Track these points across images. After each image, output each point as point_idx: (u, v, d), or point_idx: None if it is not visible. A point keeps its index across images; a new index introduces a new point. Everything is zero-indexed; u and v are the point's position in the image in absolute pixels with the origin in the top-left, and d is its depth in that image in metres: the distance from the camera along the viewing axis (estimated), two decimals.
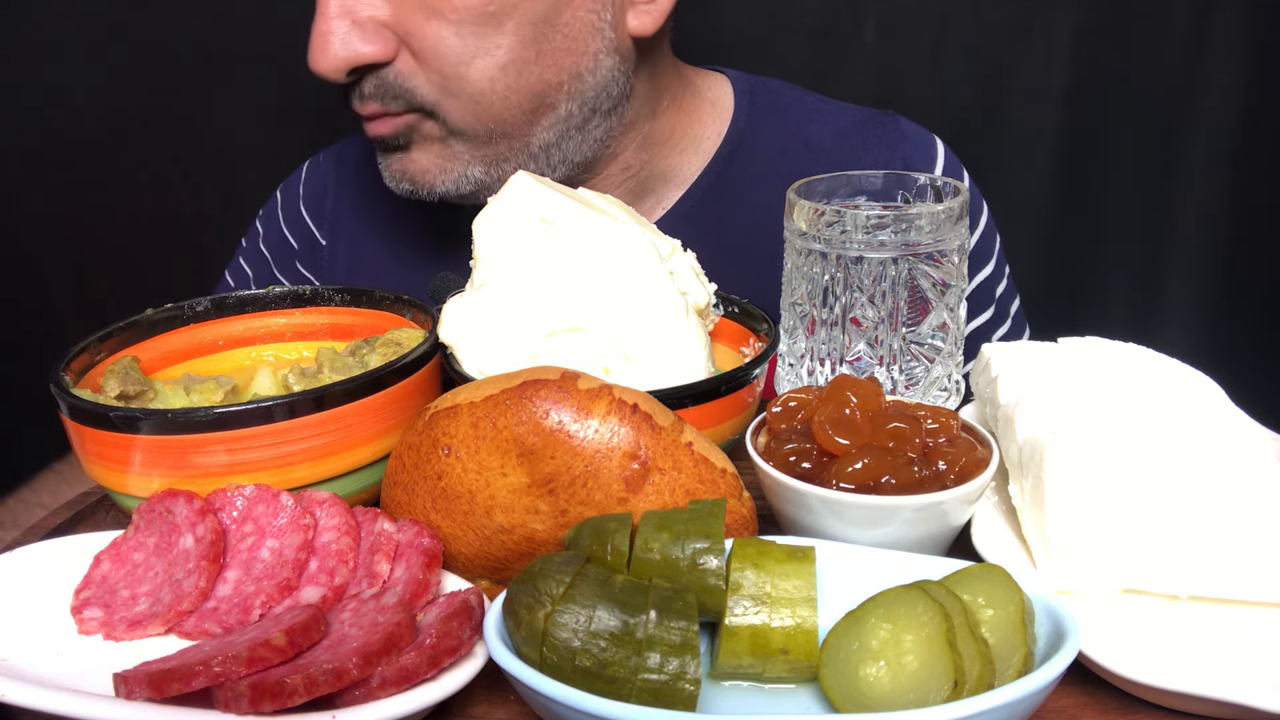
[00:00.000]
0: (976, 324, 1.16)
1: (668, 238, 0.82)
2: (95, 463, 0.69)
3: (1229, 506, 0.61)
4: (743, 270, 0.94)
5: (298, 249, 1.20)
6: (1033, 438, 0.66)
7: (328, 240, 1.18)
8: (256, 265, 1.23)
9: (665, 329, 0.75)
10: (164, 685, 0.51)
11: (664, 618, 0.52)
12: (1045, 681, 0.48)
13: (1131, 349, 0.77)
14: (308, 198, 1.20)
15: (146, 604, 0.62)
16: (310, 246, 1.19)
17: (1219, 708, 0.54)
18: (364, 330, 0.85)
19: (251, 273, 1.23)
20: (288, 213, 1.21)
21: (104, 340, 0.79)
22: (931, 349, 0.80)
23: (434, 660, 0.53)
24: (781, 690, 0.56)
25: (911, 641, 0.52)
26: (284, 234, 1.21)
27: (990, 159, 1.48)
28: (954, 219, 0.77)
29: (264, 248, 1.22)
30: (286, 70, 1.47)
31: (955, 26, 1.46)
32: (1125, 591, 0.62)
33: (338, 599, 0.60)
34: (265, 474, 0.67)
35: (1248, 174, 1.48)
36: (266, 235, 1.22)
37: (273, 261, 1.21)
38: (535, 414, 0.61)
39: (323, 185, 1.20)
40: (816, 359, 0.82)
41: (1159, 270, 1.55)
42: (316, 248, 1.19)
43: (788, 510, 0.66)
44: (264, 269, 1.22)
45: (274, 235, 1.22)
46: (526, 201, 0.77)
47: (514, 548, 0.64)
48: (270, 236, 1.22)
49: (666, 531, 0.56)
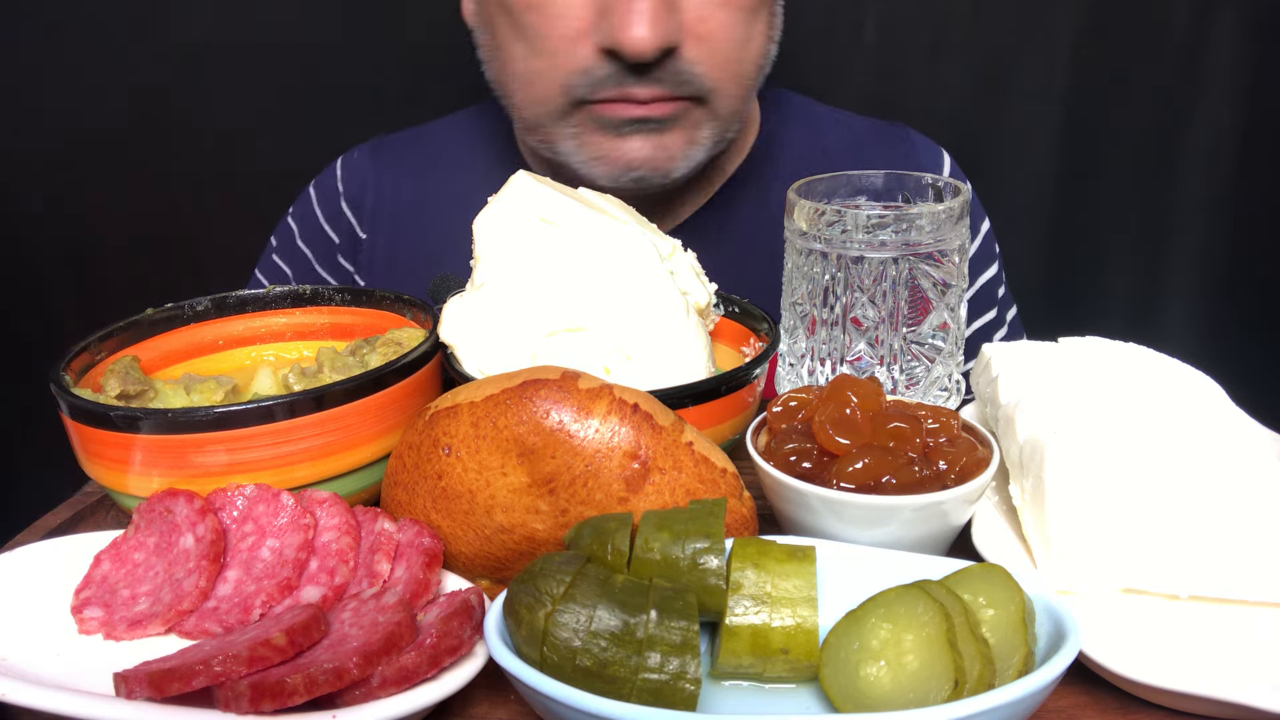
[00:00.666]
0: (979, 325, 1.17)
1: (668, 238, 0.82)
2: (95, 462, 0.69)
3: (1229, 506, 0.61)
4: (764, 274, 0.95)
5: (339, 243, 1.21)
6: (1033, 438, 0.66)
7: (368, 234, 1.20)
8: (295, 262, 1.24)
9: (666, 329, 0.75)
10: (164, 685, 0.51)
11: (664, 617, 0.52)
12: (1045, 681, 0.48)
13: (1131, 349, 0.77)
14: (349, 194, 1.21)
15: (146, 603, 0.62)
16: (351, 241, 1.21)
17: (1219, 708, 0.54)
18: (364, 330, 0.85)
19: (290, 270, 1.24)
20: (327, 209, 1.22)
21: (104, 340, 0.79)
22: (932, 349, 0.80)
23: (434, 660, 0.53)
24: (782, 690, 0.56)
25: (912, 641, 0.52)
26: (324, 229, 1.22)
27: (990, 159, 1.48)
28: (954, 219, 0.77)
29: (302, 244, 1.24)
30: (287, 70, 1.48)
31: (955, 26, 1.46)
32: (1125, 591, 0.62)
33: (338, 599, 0.60)
34: (265, 474, 0.67)
35: (1248, 174, 1.48)
36: (303, 231, 1.24)
37: (312, 257, 1.23)
38: (535, 414, 0.61)
39: (362, 180, 1.21)
40: (817, 359, 0.82)
41: (1159, 270, 1.55)
42: (357, 242, 1.20)
43: (788, 510, 0.66)
44: (303, 265, 1.23)
45: (312, 230, 1.23)
46: (527, 201, 0.77)
47: (514, 547, 0.64)
48: (308, 232, 1.23)
49: (667, 531, 0.56)
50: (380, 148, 1.23)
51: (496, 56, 1.02)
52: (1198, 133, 1.48)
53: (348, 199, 1.21)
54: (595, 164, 0.98)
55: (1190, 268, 1.54)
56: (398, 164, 1.20)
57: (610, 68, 0.92)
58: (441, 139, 1.22)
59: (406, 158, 1.20)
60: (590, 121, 0.96)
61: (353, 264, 1.21)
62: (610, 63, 0.92)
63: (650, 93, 0.93)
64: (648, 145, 0.97)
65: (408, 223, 1.18)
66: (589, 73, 0.93)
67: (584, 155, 0.98)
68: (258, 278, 1.26)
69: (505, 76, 1.01)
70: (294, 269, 1.24)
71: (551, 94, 0.96)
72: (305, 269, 1.23)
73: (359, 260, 1.21)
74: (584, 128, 0.97)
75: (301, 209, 1.25)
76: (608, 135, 0.97)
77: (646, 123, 0.96)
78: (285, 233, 1.25)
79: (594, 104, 0.95)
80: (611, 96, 0.94)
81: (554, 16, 0.92)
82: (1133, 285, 1.56)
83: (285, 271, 1.24)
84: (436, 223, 1.17)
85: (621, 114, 0.95)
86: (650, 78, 0.93)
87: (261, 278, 1.26)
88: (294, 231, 1.24)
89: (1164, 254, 1.54)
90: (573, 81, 0.94)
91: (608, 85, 0.93)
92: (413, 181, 1.18)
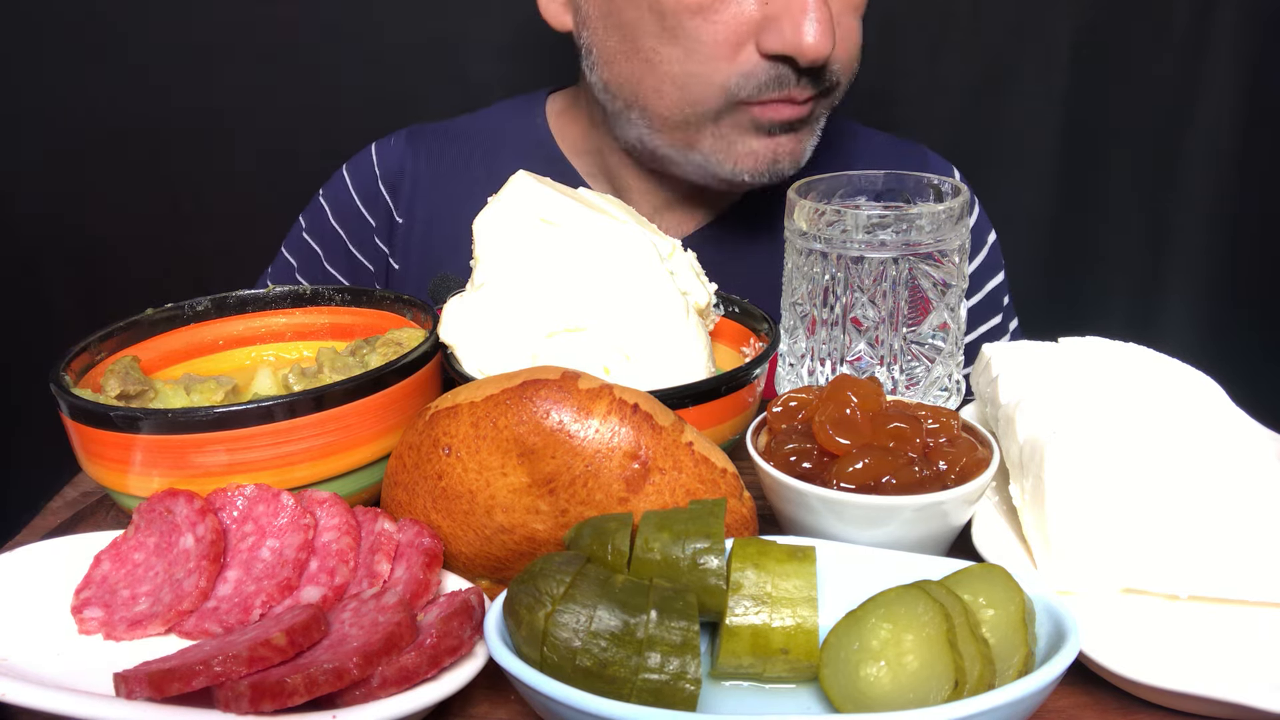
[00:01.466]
0: (983, 329, 1.17)
1: (668, 237, 0.82)
2: (95, 463, 0.69)
3: (1229, 506, 0.61)
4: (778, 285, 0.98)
5: (375, 226, 1.24)
6: (1033, 438, 0.66)
7: (404, 219, 1.22)
8: (326, 240, 1.25)
9: (665, 329, 0.75)
10: (164, 685, 0.51)
11: (664, 618, 0.52)
12: (1045, 681, 0.48)
13: (1131, 349, 0.77)
14: (385, 178, 1.24)
15: (147, 604, 0.62)
16: (389, 224, 1.23)
17: (1219, 708, 0.54)
18: (364, 330, 0.85)
19: (321, 249, 1.25)
20: (363, 191, 1.24)
21: (104, 340, 0.79)
22: (932, 349, 0.80)
23: (434, 660, 0.53)
24: (782, 690, 0.56)
25: (912, 641, 0.52)
26: (359, 210, 1.24)
27: (990, 158, 1.48)
28: (954, 219, 0.77)
29: (335, 223, 1.25)
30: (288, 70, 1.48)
31: (955, 26, 1.46)
32: (1125, 591, 0.62)
33: (338, 599, 0.60)
34: (265, 474, 0.67)
35: (1247, 174, 1.48)
36: (336, 212, 1.25)
37: (345, 236, 1.25)
38: (535, 414, 0.61)
39: (399, 166, 1.23)
40: (817, 359, 0.82)
41: (1159, 270, 1.55)
42: (395, 226, 1.23)
43: (788, 510, 0.66)
44: (335, 244, 1.25)
45: (347, 211, 1.25)
46: (527, 201, 0.77)
47: (514, 547, 0.64)
48: (342, 212, 1.25)
49: (667, 531, 0.56)
50: (416, 135, 1.25)
51: (630, 60, 1.03)
52: (1198, 133, 1.48)
53: (385, 182, 1.24)
54: (742, 160, 1.02)
55: (1190, 267, 1.54)
56: (433, 151, 1.24)
57: (775, 71, 0.96)
58: (477, 130, 1.25)
59: (443, 146, 1.24)
60: (747, 122, 1.00)
61: (389, 247, 1.24)
62: (776, 66, 0.96)
63: (808, 93, 0.99)
64: (790, 141, 1.02)
65: (442, 210, 1.21)
66: (753, 76, 0.97)
67: (729, 153, 1.02)
68: (284, 255, 1.27)
69: (643, 79, 1.03)
70: (325, 248, 1.26)
71: (710, 95, 0.99)
72: (338, 248, 1.25)
73: (394, 244, 1.23)
74: (736, 128, 1.01)
75: (334, 190, 1.26)
76: (759, 135, 1.01)
77: (792, 124, 1.01)
78: (316, 212, 1.27)
79: (753, 105, 0.99)
80: (775, 98, 0.98)
81: (718, 22, 0.95)
82: (1133, 285, 1.56)
83: (316, 250, 1.26)
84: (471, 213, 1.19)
85: (780, 116, 0.99)
86: (811, 79, 0.98)
87: (289, 255, 1.27)
88: (326, 211, 1.26)
89: (1164, 254, 1.54)
90: (736, 85, 0.97)
91: (771, 88, 0.97)
92: (449, 169, 1.22)
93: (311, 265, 1.25)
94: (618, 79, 1.05)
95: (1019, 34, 1.45)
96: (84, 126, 1.48)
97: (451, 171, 1.21)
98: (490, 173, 1.16)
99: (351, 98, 1.48)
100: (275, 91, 1.47)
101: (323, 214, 1.25)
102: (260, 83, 1.47)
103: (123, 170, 1.51)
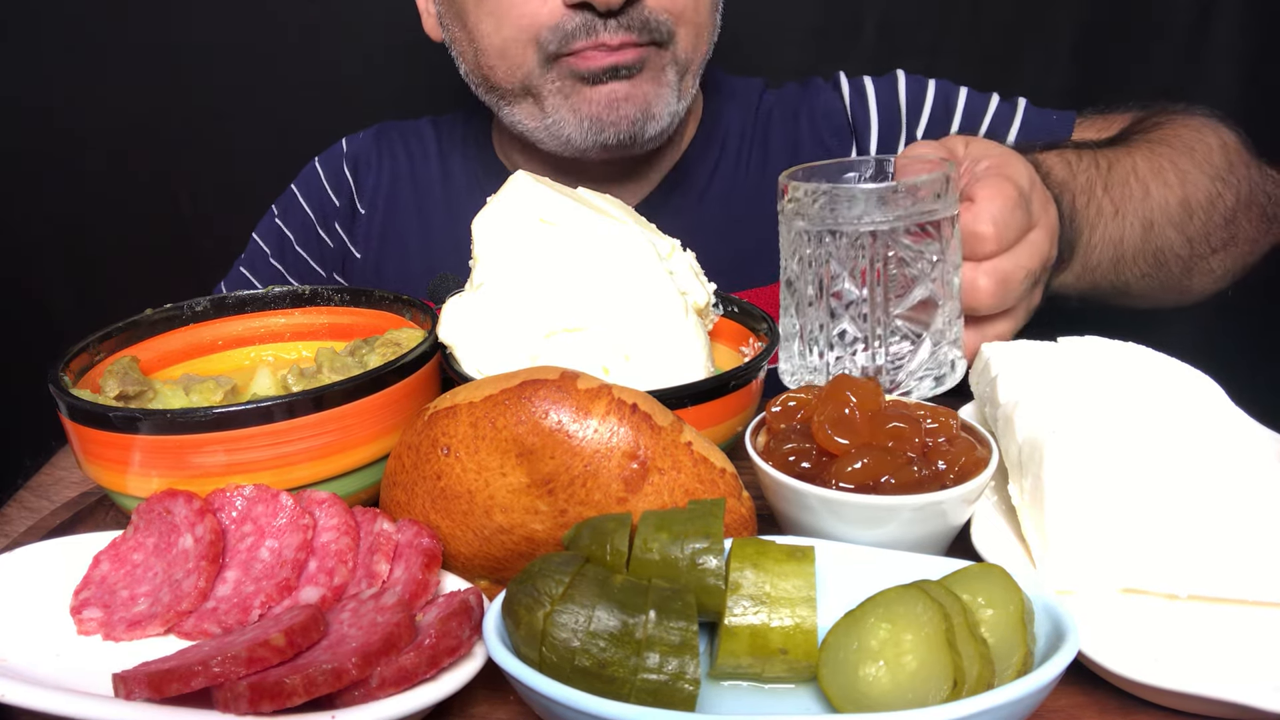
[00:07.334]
0: None
1: (667, 237, 0.82)
2: (95, 463, 0.69)
3: (1229, 506, 0.61)
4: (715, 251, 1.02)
5: (338, 206, 1.30)
6: (1032, 437, 0.66)
7: (366, 210, 1.29)
8: (295, 224, 1.31)
9: (665, 329, 0.75)
10: (163, 685, 0.51)
11: (663, 618, 0.52)
12: (1045, 681, 0.47)
13: (1131, 349, 0.77)
14: (352, 164, 1.31)
15: (146, 604, 0.62)
16: (350, 210, 1.30)
17: (1219, 708, 0.54)
18: (363, 330, 0.85)
19: (290, 232, 1.30)
20: (332, 176, 1.31)
21: (104, 340, 0.79)
22: (921, 324, 0.79)
23: (433, 660, 0.53)
24: (781, 690, 0.56)
25: (911, 641, 0.52)
26: (325, 190, 1.30)
27: None
28: (941, 193, 0.77)
29: (305, 205, 1.30)
30: (286, 70, 1.48)
31: (955, 26, 1.46)
32: (1125, 591, 0.62)
33: (337, 599, 0.60)
34: (265, 474, 0.67)
35: None
36: (306, 194, 1.31)
37: (312, 215, 1.30)
38: (534, 414, 0.61)
39: (366, 157, 1.31)
40: (809, 337, 0.81)
41: None
42: (356, 215, 1.29)
43: (787, 510, 0.66)
44: (301, 224, 1.30)
45: (315, 191, 1.31)
46: (526, 201, 0.77)
47: (513, 548, 0.64)
48: (313, 195, 1.31)
49: (666, 531, 0.56)
50: (383, 131, 1.32)
51: (469, 45, 1.10)
52: None
53: (350, 165, 1.30)
54: (584, 110, 1.06)
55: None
56: (396, 147, 1.30)
57: (580, 18, 1.01)
58: (433, 134, 1.32)
59: (405, 144, 1.31)
60: (569, 75, 1.05)
61: (348, 234, 1.29)
62: (579, 13, 1.01)
63: (620, 39, 1.03)
64: (625, 87, 1.06)
65: (402, 201, 1.28)
66: (559, 27, 1.02)
67: (573, 110, 1.07)
68: (256, 242, 1.31)
69: (481, 59, 1.09)
70: (294, 231, 1.30)
71: (527, 55, 1.05)
72: (308, 232, 1.30)
73: (355, 232, 1.29)
74: (566, 83, 1.06)
75: (305, 176, 1.32)
76: (590, 85, 1.06)
77: (619, 70, 1.04)
78: (288, 198, 1.32)
79: (568, 56, 1.04)
80: (584, 46, 1.03)
81: None
82: None
83: (287, 235, 1.30)
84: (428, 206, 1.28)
85: (596, 63, 1.04)
86: (618, 23, 1.02)
87: (260, 241, 1.31)
88: (296, 195, 1.31)
89: None
90: (544, 37, 1.03)
91: (579, 36, 1.02)
92: (408, 165, 1.29)
93: (282, 249, 1.30)
94: (468, 67, 1.13)
95: (1019, 34, 1.45)
96: (84, 127, 1.48)
97: (409, 166, 1.28)
98: (445, 173, 1.28)
99: (352, 100, 1.48)
100: (275, 93, 1.48)
101: (293, 199, 1.31)
102: (260, 84, 1.47)
103: (123, 170, 1.51)
